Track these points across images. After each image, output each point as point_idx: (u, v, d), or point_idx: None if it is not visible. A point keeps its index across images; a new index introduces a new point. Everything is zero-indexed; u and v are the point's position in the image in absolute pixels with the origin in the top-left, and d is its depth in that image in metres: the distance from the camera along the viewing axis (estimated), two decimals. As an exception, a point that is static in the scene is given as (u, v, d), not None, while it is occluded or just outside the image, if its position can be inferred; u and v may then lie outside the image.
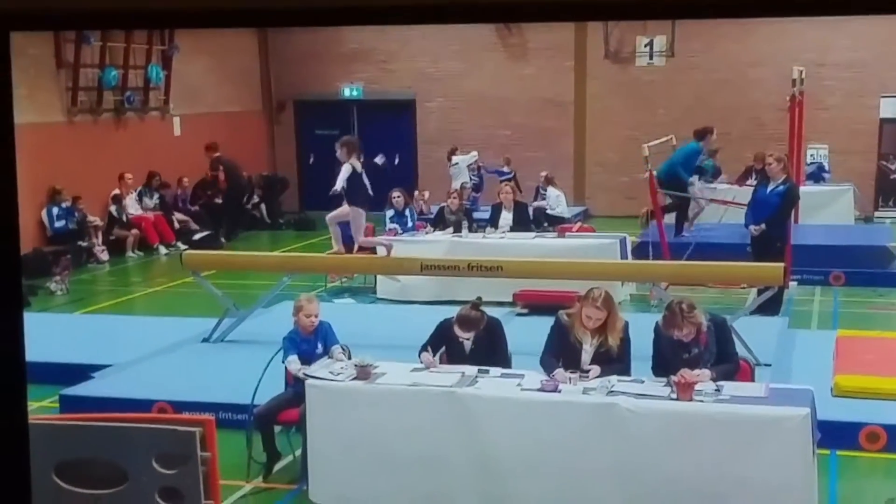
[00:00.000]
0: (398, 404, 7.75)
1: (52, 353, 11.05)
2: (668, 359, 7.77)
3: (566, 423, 7.37)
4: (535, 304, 13.17)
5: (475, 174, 22.07)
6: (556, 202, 19.54)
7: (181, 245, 20.10)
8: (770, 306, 12.23)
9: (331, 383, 7.90)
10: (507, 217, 16.14)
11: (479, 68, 25.27)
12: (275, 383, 8.68)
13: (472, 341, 8.36)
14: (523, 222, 16.30)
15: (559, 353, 8.01)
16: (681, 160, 17.38)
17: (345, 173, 11.54)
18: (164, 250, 20.53)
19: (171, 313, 14.48)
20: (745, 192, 16.35)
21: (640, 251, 15.63)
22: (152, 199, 21.46)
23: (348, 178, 11.57)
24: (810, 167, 21.73)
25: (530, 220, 17.14)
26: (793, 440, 7.00)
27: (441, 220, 16.46)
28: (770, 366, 10.28)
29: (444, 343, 8.42)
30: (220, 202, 22.65)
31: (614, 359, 7.92)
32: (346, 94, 26.29)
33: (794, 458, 7.02)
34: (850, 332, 12.02)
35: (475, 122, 25.26)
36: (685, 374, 7.32)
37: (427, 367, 8.09)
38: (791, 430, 7.00)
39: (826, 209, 19.87)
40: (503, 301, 13.09)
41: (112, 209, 20.36)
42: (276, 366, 8.64)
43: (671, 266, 13.17)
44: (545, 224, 18.02)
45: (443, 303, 12.53)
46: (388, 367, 8.12)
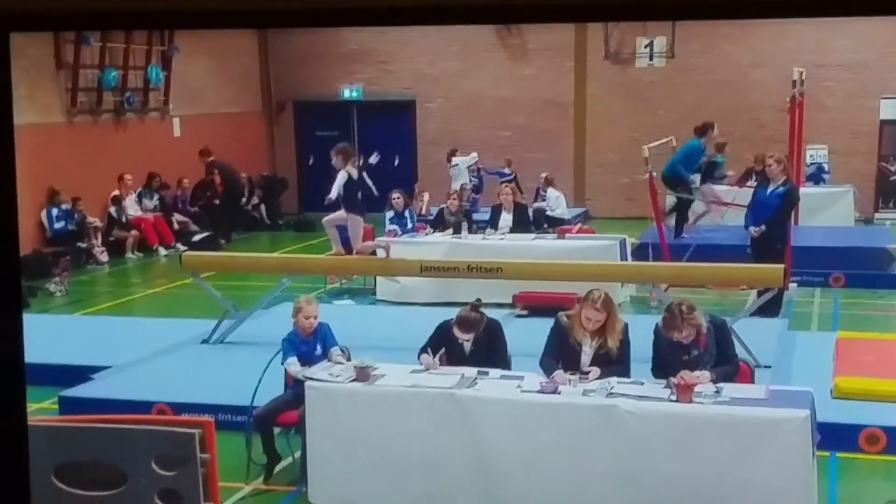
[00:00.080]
0: (398, 406, 7.74)
1: (52, 354, 11.04)
2: (667, 360, 7.76)
3: (566, 424, 7.37)
4: (534, 306, 13.16)
5: (475, 175, 22.06)
6: (556, 203, 19.53)
7: (180, 246, 20.09)
8: (770, 308, 12.22)
9: (330, 385, 7.90)
10: (506, 218, 16.13)
11: (479, 69, 25.27)
12: (274, 385, 8.68)
13: (471, 343, 8.35)
14: (523, 224, 16.29)
15: (559, 354, 8.01)
16: (681, 158, 17.35)
17: (340, 180, 11.49)
18: (163, 251, 20.53)
19: (170, 314, 14.49)
20: (745, 193, 16.35)
21: (640, 253, 15.62)
22: (152, 201, 21.46)
23: (344, 186, 11.53)
24: (810, 168, 21.74)
25: (530, 221, 17.13)
26: (793, 442, 7.00)
27: (441, 222, 16.45)
28: (770, 367, 10.27)
29: (443, 345, 8.41)
30: (218, 203, 22.64)
31: (614, 360, 7.92)
32: (346, 94, 26.28)
33: (793, 460, 7.01)
34: (850, 333, 12.01)
35: (475, 123, 25.25)
36: (685, 375, 7.31)
37: (427, 369, 8.09)
38: (791, 431, 6.99)
39: (826, 211, 19.87)
40: (503, 302, 13.09)
41: (112, 210, 20.35)
42: (276, 367, 8.63)
43: (671, 268, 13.17)
44: (545, 225, 18.01)
45: (442, 304, 12.53)
46: (387, 368, 8.12)
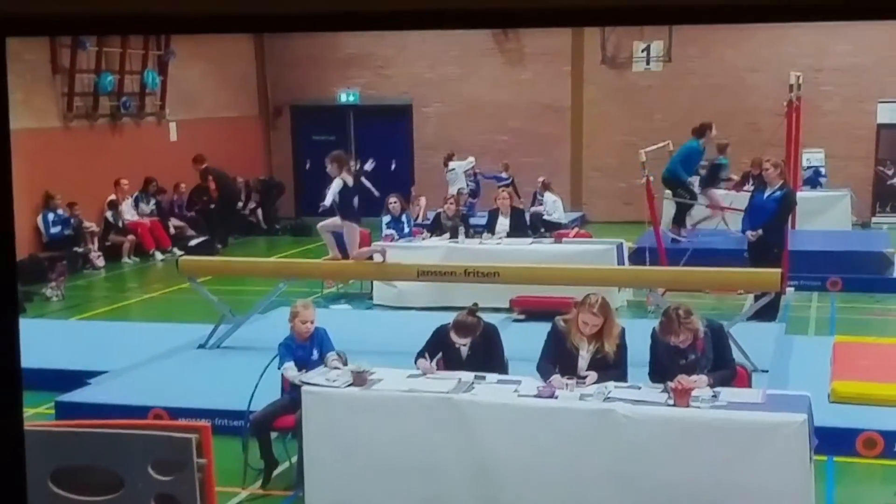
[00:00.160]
0: (394, 410, 7.74)
1: (48, 359, 11.03)
2: (664, 365, 7.76)
3: (563, 429, 7.36)
4: (531, 310, 13.16)
5: (472, 180, 22.06)
6: (553, 208, 19.55)
7: (177, 251, 20.08)
8: (767, 312, 12.23)
9: (327, 389, 7.89)
10: (503, 223, 16.13)
11: (476, 73, 25.28)
12: (271, 390, 8.67)
13: (468, 347, 8.35)
14: (520, 228, 16.29)
15: (556, 359, 8.00)
16: (679, 159, 17.33)
17: (336, 188, 11.48)
18: (160, 256, 20.51)
19: (167, 319, 14.47)
20: (742, 197, 16.35)
21: (637, 257, 15.62)
22: (148, 205, 21.45)
23: (340, 193, 11.51)
24: (807, 172, 21.74)
25: (527, 225, 17.13)
26: (790, 446, 7.00)
27: (438, 226, 16.44)
28: (767, 372, 10.27)
29: (440, 349, 8.40)
30: (214, 209, 22.63)
31: (611, 365, 7.91)
32: (343, 99, 26.27)
33: (791, 465, 7.01)
34: (847, 337, 12.02)
35: (472, 128, 25.25)
36: (682, 380, 7.31)
37: (424, 374, 8.08)
38: (788, 436, 6.99)
39: (823, 215, 19.88)
40: (500, 307, 13.07)
41: (108, 215, 20.34)
42: (273, 372, 8.62)
43: (668, 272, 13.15)
44: (542, 230, 18.01)
45: (439, 309, 12.53)
46: (384, 373, 8.12)
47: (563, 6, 1.74)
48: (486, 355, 8.40)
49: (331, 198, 11.51)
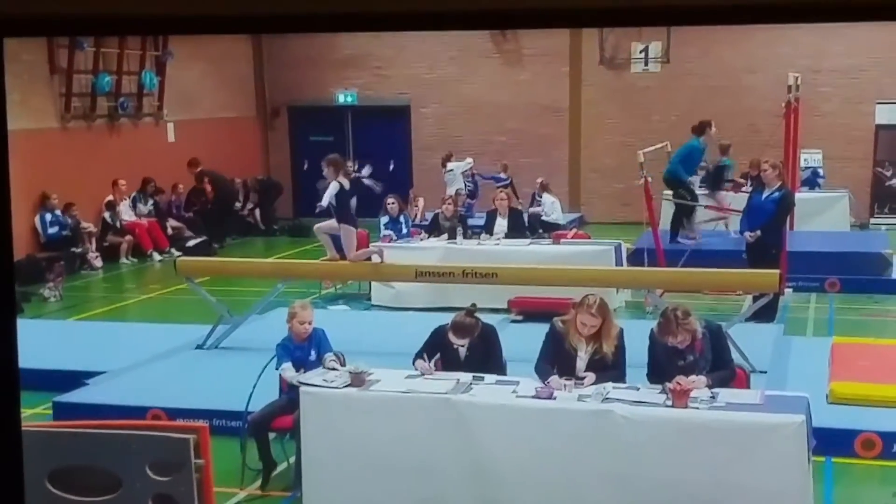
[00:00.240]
0: (393, 411, 7.73)
1: (46, 359, 11.03)
2: (663, 366, 7.76)
3: (561, 430, 7.36)
4: (529, 311, 13.16)
5: (470, 181, 22.05)
6: (552, 209, 19.54)
7: (175, 251, 20.07)
8: (765, 313, 12.22)
9: (325, 390, 7.88)
10: (501, 224, 16.14)
11: (474, 74, 25.28)
12: (269, 390, 8.67)
13: (466, 348, 8.35)
14: (518, 229, 16.29)
15: (554, 360, 8.00)
16: (680, 158, 17.30)
17: (332, 191, 11.46)
18: (157, 257, 20.49)
19: (165, 320, 14.46)
20: (740, 198, 16.35)
21: (635, 258, 15.61)
22: (146, 206, 21.44)
23: (336, 196, 11.49)
24: (805, 172, 21.71)
25: (525, 226, 17.13)
26: (788, 447, 6.99)
27: (436, 227, 16.44)
28: (765, 373, 10.27)
29: (438, 350, 8.40)
30: (211, 210, 22.62)
31: (609, 366, 7.91)
32: (341, 100, 26.23)
33: (789, 466, 7.01)
34: (846, 338, 12.01)
35: (470, 129, 25.25)
36: (680, 380, 7.31)
37: (422, 374, 8.07)
38: (786, 437, 6.99)
39: (821, 216, 19.88)
40: (498, 308, 13.07)
41: (106, 215, 20.33)
42: (270, 373, 8.62)
43: (666, 273, 13.15)
44: (540, 231, 18.00)
45: (437, 309, 12.53)
46: (382, 373, 8.10)
47: (561, 7, 1.74)
48: (485, 356, 8.39)
49: (327, 200, 11.50)
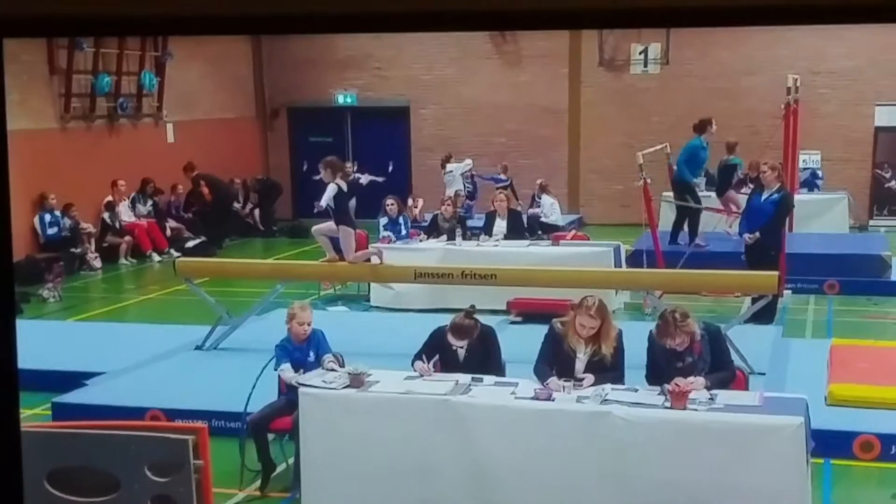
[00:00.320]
0: (391, 412, 7.73)
1: (45, 360, 11.03)
2: (661, 367, 7.76)
3: (560, 431, 7.36)
4: (528, 313, 13.16)
5: (469, 182, 22.05)
6: (551, 210, 19.55)
7: (174, 252, 20.06)
8: (764, 315, 12.22)
9: (324, 391, 7.88)
10: (500, 225, 16.14)
11: (473, 75, 25.28)
12: (268, 391, 8.67)
13: (465, 349, 8.35)
14: (517, 230, 16.30)
15: (553, 361, 8.00)
16: (684, 159, 17.28)
17: (330, 192, 11.46)
18: (157, 257, 20.49)
19: (164, 321, 14.46)
20: (741, 199, 16.34)
21: (635, 259, 15.60)
22: (145, 206, 21.44)
23: (335, 198, 11.50)
24: (803, 174, 21.71)
25: (524, 228, 17.13)
26: (787, 449, 6.99)
27: (435, 228, 16.44)
28: (764, 374, 10.27)
29: (437, 351, 8.40)
30: (209, 212, 22.62)
31: (608, 367, 7.91)
32: (340, 100, 26.23)
33: (788, 467, 7.01)
34: (845, 340, 12.02)
35: (470, 130, 25.25)
36: (679, 382, 7.31)
37: (421, 376, 8.07)
38: (785, 438, 6.99)
39: (820, 218, 19.88)
40: (497, 309, 13.07)
41: (105, 216, 20.33)
42: (269, 374, 8.62)
43: (665, 274, 13.17)
44: (539, 232, 18.00)
45: (436, 311, 12.53)
46: (381, 375, 8.10)
47: (560, 9, 1.74)
48: (484, 357, 8.39)
49: (326, 201, 11.50)
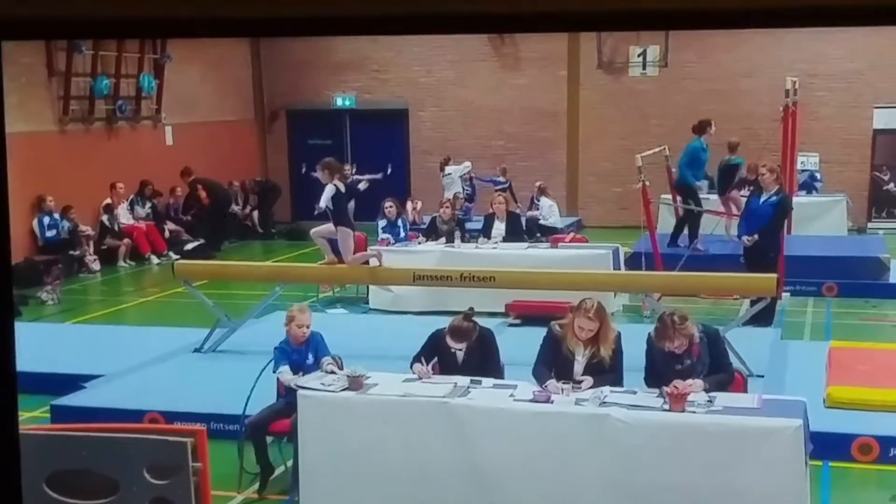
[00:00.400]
0: (390, 415, 7.73)
1: (44, 363, 11.03)
2: (660, 370, 7.76)
3: (558, 433, 7.36)
4: (527, 315, 13.16)
5: (468, 184, 22.06)
6: (549, 212, 19.55)
7: (173, 255, 20.05)
8: (763, 317, 12.22)
9: (322, 394, 7.88)
10: (499, 227, 16.14)
11: (472, 77, 25.28)
12: (266, 394, 8.66)
13: (464, 352, 8.35)
14: (516, 233, 16.30)
15: (551, 363, 8.00)
16: (686, 161, 17.29)
17: (328, 193, 11.47)
18: (155, 260, 20.48)
19: (162, 323, 14.45)
20: (740, 201, 16.35)
21: (633, 262, 15.61)
22: (144, 209, 21.44)
23: (333, 199, 11.50)
24: (801, 175, 21.71)
25: (523, 230, 17.14)
26: (785, 451, 6.99)
27: (433, 231, 16.44)
28: (762, 377, 10.27)
29: (436, 354, 8.40)
30: (207, 216, 22.61)
31: (607, 369, 7.91)
32: (339, 103, 26.23)
33: (786, 470, 7.01)
34: (843, 343, 12.01)
35: (468, 132, 25.26)
36: (677, 384, 7.31)
37: (419, 378, 8.07)
38: (783, 441, 6.99)
39: (819, 220, 19.87)
40: (495, 311, 13.08)
41: (104, 218, 20.33)
42: (268, 376, 8.61)
43: (664, 277, 13.16)
44: (538, 234, 18.00)
45: (435, 313, 12.51)
46: (379, 377, 8.10)
47: (559, 11, 1.74)
48: (482, 360, 8.39)
49: (325, 202, 11.50)
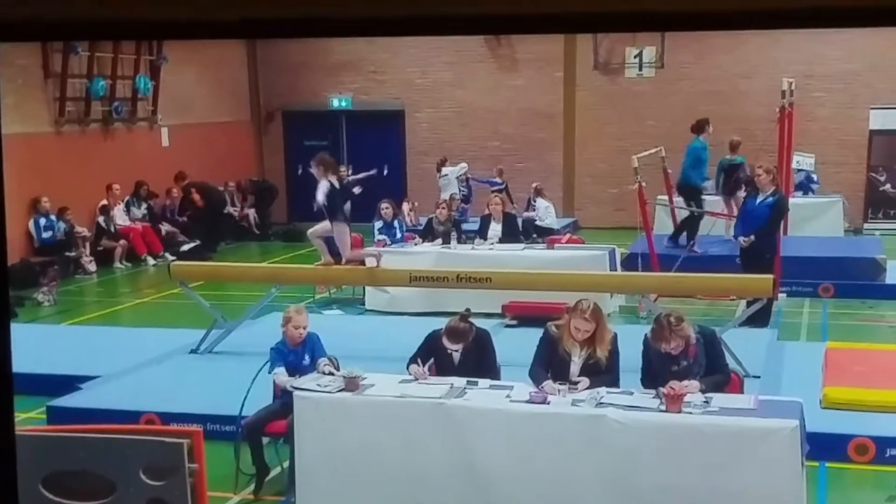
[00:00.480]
0: (386, 416, 7.73)
1: (40, 364, 11.01)
2: (656, 371, 7.76)
3: (555, 434, 7.35)
4: (523, 316, 13.16)
5: (464, 185, 22.06)
6: (546, 213, 19.53)
7: (169, 256, 20.05)
8: (759, 318, 12.22)
9: (319, 395, 7.88)
10: (496, 228, 16.13)
11: (468, 79, 25.28)
12: (263, 395, 8.66)
13: (460, 353, 8.34)
14: (512, 234, 16.29)
15: (548, 364, 8.00)
16: (689, 162, 17.30)
17: (323, 189, 11.46)
18: (151, 261, 20.48)
19: (158, 324, 14.45)
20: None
21: (630, 263, 15.61)
22: (140, 210, 21.43)
23: (327, 195, 11.49)
24: (798, 176, 21.71)
25: (519, 231, 17.12)
26: (782, 452, 6.99)
27: (430, 232, 16.44)
28: (759, 378, 10.27)
29: (432, 355, 8.40)
30: (202, 218, 22.61)
31: (603, 370, 7.91)
32: (335, 104, 26.23)
33: (783, 470, 7.01)
34: (839, 343, 12.01)
35: (465, 133, 25.26)
36: (674, 385, 7.31)
37: (416, 379, 8.07)
38: (780, 441, 6.99)
39: (815, 221, 19.87)
40: (492, 312, 13.08)
41: (100, 220, 20.31)
42: (264, 377, 8.61)
43: (660, 278, 13.17)
44: (534, 235, 18.00)
45: (431, 314, 12.51)
46: (376, 378, 8.10)
47: (559, 12, 1.74)
48: (479, 361, 8.39)
49: (321, 199, 11.50)
